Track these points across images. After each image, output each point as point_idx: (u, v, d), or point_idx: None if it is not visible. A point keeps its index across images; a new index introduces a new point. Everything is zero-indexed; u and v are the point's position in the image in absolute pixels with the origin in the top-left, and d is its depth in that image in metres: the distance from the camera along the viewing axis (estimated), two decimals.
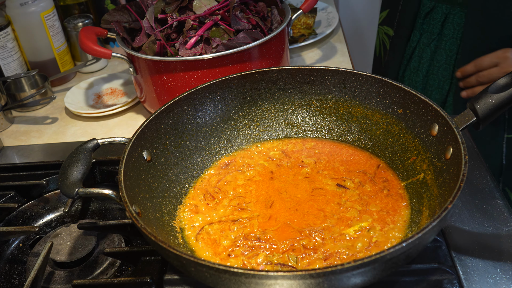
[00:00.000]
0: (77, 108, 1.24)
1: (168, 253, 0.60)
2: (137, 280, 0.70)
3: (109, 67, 1.50)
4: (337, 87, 0.90)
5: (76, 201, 0.91)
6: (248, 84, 0.91)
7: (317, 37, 1.47)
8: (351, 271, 0.55)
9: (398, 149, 0.84)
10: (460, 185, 0.62)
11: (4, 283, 0.77)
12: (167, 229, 0.76)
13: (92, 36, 1.10)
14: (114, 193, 0.69)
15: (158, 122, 0.83)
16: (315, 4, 1.19)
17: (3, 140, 1.19)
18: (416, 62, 1.35)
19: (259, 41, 1.02)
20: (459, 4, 1.20)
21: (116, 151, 1.02)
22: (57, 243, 0.81)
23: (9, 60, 1.31)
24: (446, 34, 1.25)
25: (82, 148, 0.75)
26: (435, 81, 1.33)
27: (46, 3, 1.33)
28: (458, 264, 0.71)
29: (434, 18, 1.26)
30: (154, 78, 1.06)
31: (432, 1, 1.25)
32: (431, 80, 1.34)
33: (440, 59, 1.30)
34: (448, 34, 1.25)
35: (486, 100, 0.71)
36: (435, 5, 1.24)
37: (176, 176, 0.85)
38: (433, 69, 1.32)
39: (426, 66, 1.33)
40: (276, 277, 0.54)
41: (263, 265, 0.70)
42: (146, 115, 1.23)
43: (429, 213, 0.71)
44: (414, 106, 0.80)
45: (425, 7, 1.27)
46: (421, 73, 1.34)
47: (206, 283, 0.62)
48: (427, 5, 1.26)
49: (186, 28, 1.07)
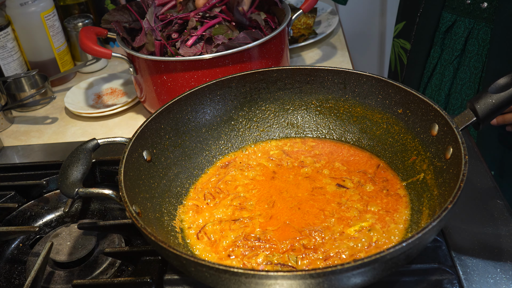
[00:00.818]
0: (77, 108, 1.24)
1: (168, 253, 0.60)
2: (137, 280, 0.70)
3: (109, 67, 1.50)
4: (337, 87, 0.90)
5: (76, 201, 0.91)
6: (248, 84, 0.91)
7: (317, 37, 1.47)
8: (351, 271, 0.55)
9: (398, 149, 0.84)
10: (460, 185, 0.62)
11: (4, 283, 0.77)
12: (167, 229, 0.76)
13: (92, 36, 1.10)
14: (114, 193, 0.69)
15: (158, 122, 0.83)
16: (315, 4, 1.19)
17: (3, 140, 1.20)
18: (438, 79, 1.24)
19: (259, 41, 1.02)
20: (484, 19, 1.10)
21: (116, 151, 1.02)
22: (57, 243, 0.81)
23: (9, 60, 1.31)
24: (470, 51, 1.15)
25: (82, 148, 0.75)
26: (458, 100, 1.23)
27: (46, 3, 1.33)
28: (458, 264, 0.71)
29: (457, 33, 1.16)
30: (154, 78, 1.06)
31: (453, 15, 1.15)
32: (454, 99, 1.24)
33: (463, 77, 1.19)
34: (473, 51, 1.14)
35: (486, 100, 0.71)
36: (457, 19, 1.14)
37: (176, 176, 0.85)
38: (456, 87, 1.22)
39: (448, 85, 1.23)
40: (276, 277, 0.54)
41: (263, 265, 0.70)
42: (146, 115, 1.23)
43: (429, 213, 0.71)
44: (414, 106, 0.80)
45: (446, 21, 1.17)
46: (443, 91, 1.25)
47: (206, 283, 0.62)
48: (448, 19, 1.16)
49: (189, 27, 1.07)
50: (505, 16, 1.04)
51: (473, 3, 1.09)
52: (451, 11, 1.14)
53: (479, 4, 1.08)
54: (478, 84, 1.18)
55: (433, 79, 1.25)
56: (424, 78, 1.27)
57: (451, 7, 1.14)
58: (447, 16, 1.16)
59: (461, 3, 1.11)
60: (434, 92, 1.27)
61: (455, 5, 1.13)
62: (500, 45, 1.07)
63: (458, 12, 1.13)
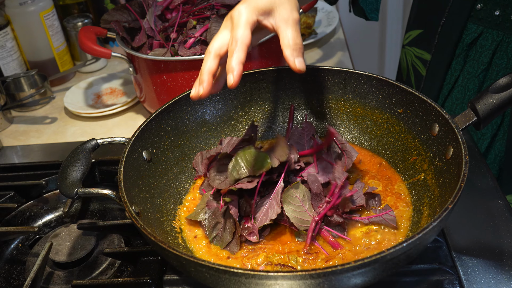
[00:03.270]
0: (77, 108, 1.24)
1: (167, 253, 0.59)
2: (137, 281, 0.70)
3: (109, 66, 1.50)
4: (338, 87, 0.90)
5: (76, 201, 0.90)
6: (248, 83, 0.91)
7: (317, 36, 1.46)
8: (352, 272, 0.54)
9: (398, 149, 0.84)
10: (461, 185, 0.62)
11: (4, 284, 0.77)
12: (166, 229, 0.76)
13: (92, 35, 1.10)
14: (113, 193, 0.69)
15: (158, 122, 0.83)
16: (315, 4, 1.18)
17: (2, 140, 1.19)
18: (460, 93, 1.17)
19: None
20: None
21: (116, 151, 1.02)
22: (56, 243, 0.80)
23: (8, 59, 1.31)
24: (498, 64, 1.08)
25: (82, 148, 0.75)
26: None
27: (46, 2, 1.33)
28: (459, 265, 0.71)
29: (483, 45, 1.08)
30: (153, 77, 1.06)
31: (479, 26, 1.07)
32: None
33: None
34: (501, 64, 1.07)
35: (487, 100, 0.71)
36: (484, 30, 1.06)
37: (176, 176, 0.84)
38: None
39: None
40: (276, 278, 0.54)
41: (263, 266, 0.69)
42: (145, 115, 1.23)
43: (430, 213, 0.71)
44: (415, 106, 0.80)
45: (471, 32, 1.09)
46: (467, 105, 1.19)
47: (206, 284, 0.61)
48: (473, 30, 1.08)
49: (187, 28, 1.06)
50: None
51: (502, 15, 1.02)
52: (477, 22, 1.07)
53: (509, 16, 1.01)
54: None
55: (454, 91, 1.18)
56: (443, 90, 1.20)
57: (477, 17, 1.07)
58: (472, 27, 1.08)
59: (489, 14, 1.04)
60: (455, 106, 1.19)
61: (481, 16, 1.06)
62: None
63: (486, 23, 1.05)
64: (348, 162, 0.79)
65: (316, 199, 0.73)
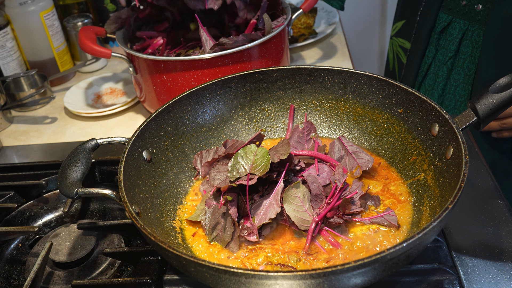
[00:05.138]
0: (77, 108, 1.24)
1: (167, 253, 0.59)
2: (137, 281, 0.70)
3: (109, 66, 1.50)
4: (338, 87, 0.90)
5: (76, 201, 0.90)
6: (248, 83, 0.91)
7: (317, 36, 1.46)
8: (352, 272, 0.54)
9: (398, 149, 0.84)
10: (461, 185, 0.62)
11: (4, 284, 0.77)
12: (166, 229, 0.76)
13: (92, 35, 1.10)
14: (113, 193, 0.68)
15: (158, 122, 0.82)
16: (315, 4, 1.18)
17: (2, 140, 1.19)
18: (432, 79, 1.24)
19: (258, 41, 1.02)
20: (477, 21, 1.09)
21: (116, 151, 1.02)
22: (56, 243, 0.80)
23: (8, 59, 1.31)
24: (464, 52, 1.14)
25: (82, 148, 0.75)
26: (452, 101, 1.22)
27: (46, 2, 1.33)
28: (459, 264, 0.71)
29: (451, 34, 1.15)
30: (153, 77, 1.06)
31: (449, 16, 1.14)
32: (447, 100, 1.23)
33: (457, 78, 1.18)
34: (466, 52, 1.14)
35: (487, 100, 0.71)
36: (452, 19, 1.13)
37: (176, 176, 0.84)
38: (449, 88, 1.21)
39: (442, 85, 1.22)
40: (276, 277, 0.54)
41: (263, 266, 0.69)
42: (145, 115, 1.23)
43: (430, 213, 0.71)
44: (415, 106, 0.80)
45: (442, 21, 1.16)
46: (437, 92, 1.24)
47: (206, 283, 0.61)
48: (444, 19, 1.15)
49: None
50: (497, 19, 1.03)
51: (468, 5, 1.08)
52: (447, 11, 1.14)
53: (474, 6, 1.07)
54: (471, 85, 1.17)
55: (426, 79, 1.25)
56: (418, 77, 1.27)
57: (447, 7, 1.14)
58: (443, 17, 1.15)
59: (457, 4, 1.11)
60: (428, 92, 1.26)
61: (451, 6, 1.12)
62: (492, 47, 1.06)
63: (454, 13, 1.12)
64: (358, 170, 0.81)
65: (316, 200, 0.73)
